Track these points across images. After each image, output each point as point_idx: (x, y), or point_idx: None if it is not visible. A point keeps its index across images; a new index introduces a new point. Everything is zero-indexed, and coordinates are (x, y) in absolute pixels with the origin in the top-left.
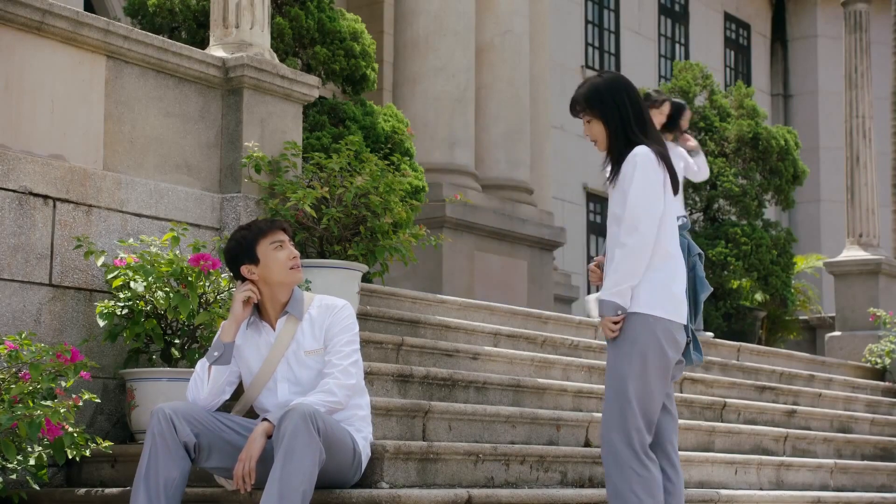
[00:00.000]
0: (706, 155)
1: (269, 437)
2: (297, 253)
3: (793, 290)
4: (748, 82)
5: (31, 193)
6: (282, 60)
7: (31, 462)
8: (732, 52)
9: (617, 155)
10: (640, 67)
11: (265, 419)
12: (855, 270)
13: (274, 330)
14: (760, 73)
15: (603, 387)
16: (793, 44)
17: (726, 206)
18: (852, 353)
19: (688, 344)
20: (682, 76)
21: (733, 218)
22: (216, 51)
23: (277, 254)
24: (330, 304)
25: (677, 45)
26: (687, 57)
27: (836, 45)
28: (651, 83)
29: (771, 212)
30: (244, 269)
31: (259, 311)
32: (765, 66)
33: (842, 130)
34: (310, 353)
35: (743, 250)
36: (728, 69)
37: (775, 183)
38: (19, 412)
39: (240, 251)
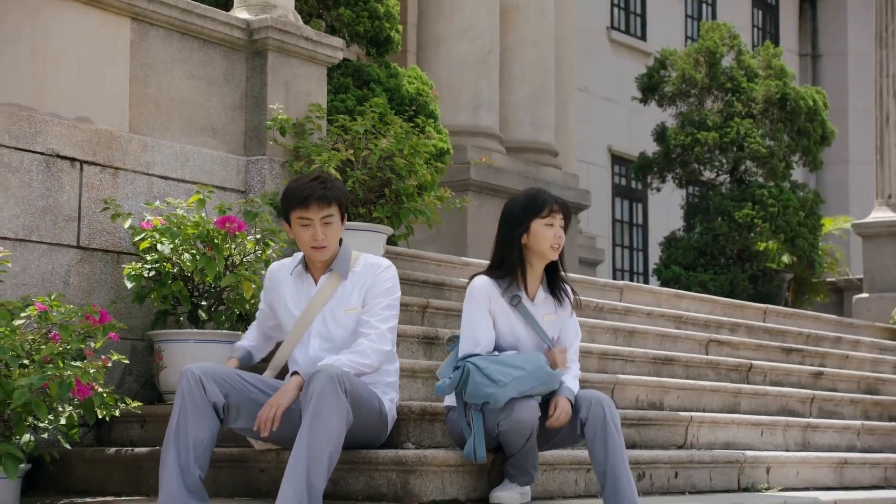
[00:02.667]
0: (734, 116)
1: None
2: (322, 237)
3: (820, 252)
4: (776, 42)
5: (58, 156)
6: (306, 22)
7: (62, 422)
8: (760, 12)
9: (558, 279)
10: (667, 28)
11: (296, 372)
12: (884, 232)
13: (315, 284)
14: (789, 33)
15: (628, 348)
16: (821, 3)
17: (753, 167)
18: (880, 314)
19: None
20: (709, 36)
21: (760, 179)
22: (240, 13)
23: (302, 231)
24: (374, 264)
25: (704, 5)
26: (714, 17)
27: (865, 3)
28: (678, 44)
29: (798, 173)
30: (284, 225)
31: (305, 262)
32: (793, 26)
33: (871, 91)
34: (348, 310)
35: (770, 212)
36: (756, 29)
37: (803, 144)
38: (49, 372)
39: (281, 208)
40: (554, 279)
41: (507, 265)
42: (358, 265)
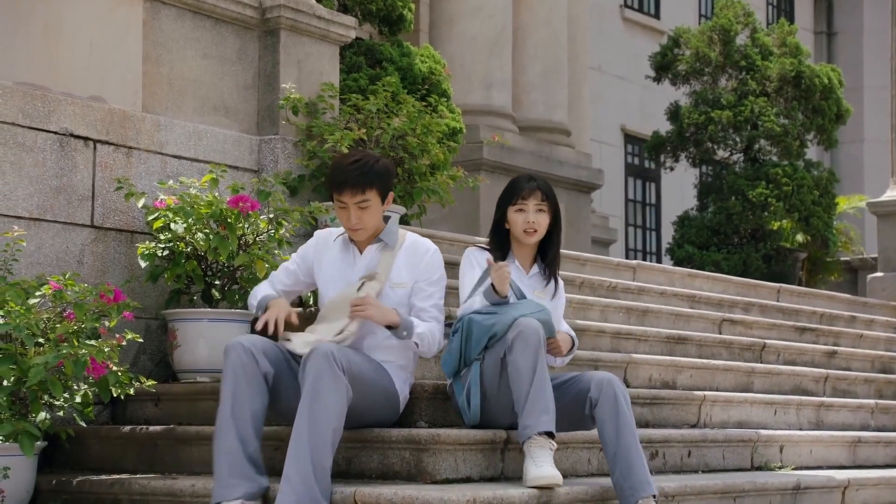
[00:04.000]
0: (749, 95)
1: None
2: (357, 220)
3: (835, 231)
4: (791, 20)
5: (71, 135)
6: (318, 1)
7: (78, 400)
8: None
9: (551, 260)
10: (681, 5)
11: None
12: None
13: (361, 254)
14: (804, 11)
15: (641, 328)
16: None
17: (767, 146)
18: (895, 293)
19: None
20: (723, 14)
21: (774, 158)
22: None
23: (340, 213)
24: (423, 246)
25: None
26: None
27: None
28: (692, 22)
29: (813, 152)
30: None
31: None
32: (808, 4)
33: (887, 69)
34: (397, 285)
35: (784, 191)
36: (770, 6)
37: (818, 122)
38: (65, 351)
39: (327, 187)
40: (546, 260)
41: (494, 243)
42: (406, 241)
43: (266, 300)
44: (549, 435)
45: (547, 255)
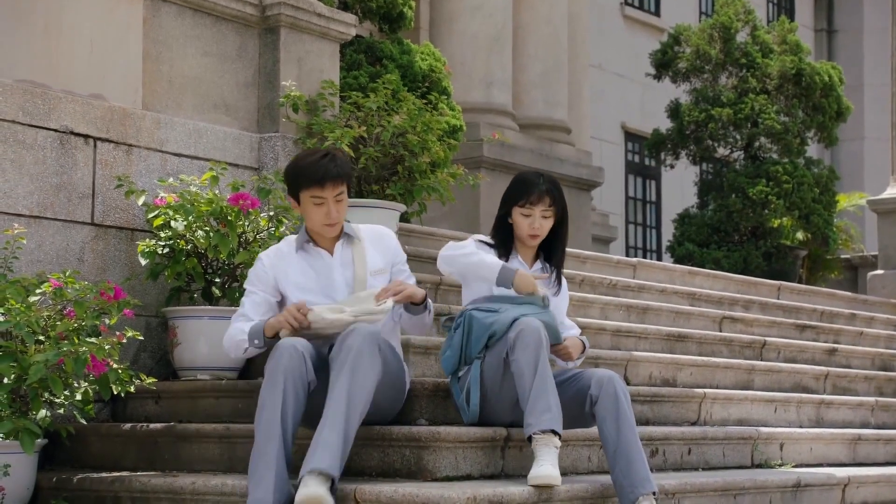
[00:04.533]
0: (749, 92)
1: (414, 303)
2: (336, 214)
3: (835, 229)
4: (791, 17)
5: (72, 133)
6: None
7: (78, 397)
8: None
9: (558, 259)
10: (681, 3)
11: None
12: None
13: (332, 254)
14: (804, 8)
15: (642, 325)
16: None
17: (768, 143)
18: (895, 291)
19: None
20: (723, 11)
21: (775, 156)
22: None
23: (315, 210)
24: (380, 230)
25: None
26: None
27: None
28: (692, 19)
29: (813, 149)
30: (291, 201)
31: (310, 235)
32: (808, 1)
33: (887, 66)
34: (377, 272)
35: (784, 189)
36: (771, 4)
37: (818, 120)
38: (65, 348)
39: (288, 185)
40: (551, 258)
41: (498, 239)
42: (364, 230)
43: (258, 327)
44: (554, 433)
45: (550, 252)
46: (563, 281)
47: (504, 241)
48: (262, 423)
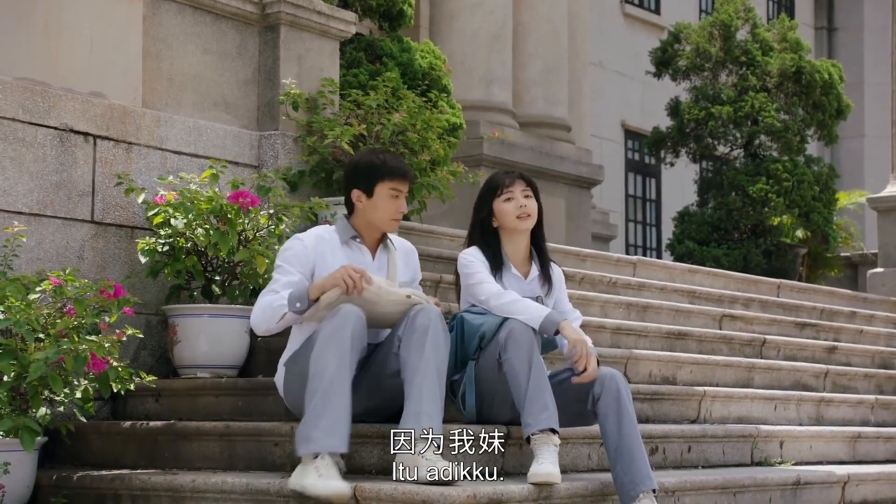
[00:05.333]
0: (749, 90)
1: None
2: (405, 208)
3: (835, 227)
4: (791, 15)
5: (72, 130)
6: None
7: (78, 395)
8: None
9: (545, 258)
10: (681, 1)
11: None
12: None
13: (373, 253)
14: (804, 7)
15: (642, 323)
16: None
17: (767, 141)
18: (895, 289)
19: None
20: (723, 9)
21: (775, 154)
22: None
23: (391, 202)
24: (406, 245)
25: None
26: None
27: None
28: (692, 17)
29: (813, 147)
30: (354, 194)
31: (357, 231)
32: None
33: (887, 65)
34: (404, 284)
35: (784, 186)
36: (771, 2)
37: (818, 118)
38: (65, 346)
39: (361, 177)
40: (541, 257)
41: (483, 247)
42: (395, 242)
43: (301, 287)
44: (553, 431)
45: (542, 253)
46: (555, 268)
47: (489, 244)
48: (322, 365)
